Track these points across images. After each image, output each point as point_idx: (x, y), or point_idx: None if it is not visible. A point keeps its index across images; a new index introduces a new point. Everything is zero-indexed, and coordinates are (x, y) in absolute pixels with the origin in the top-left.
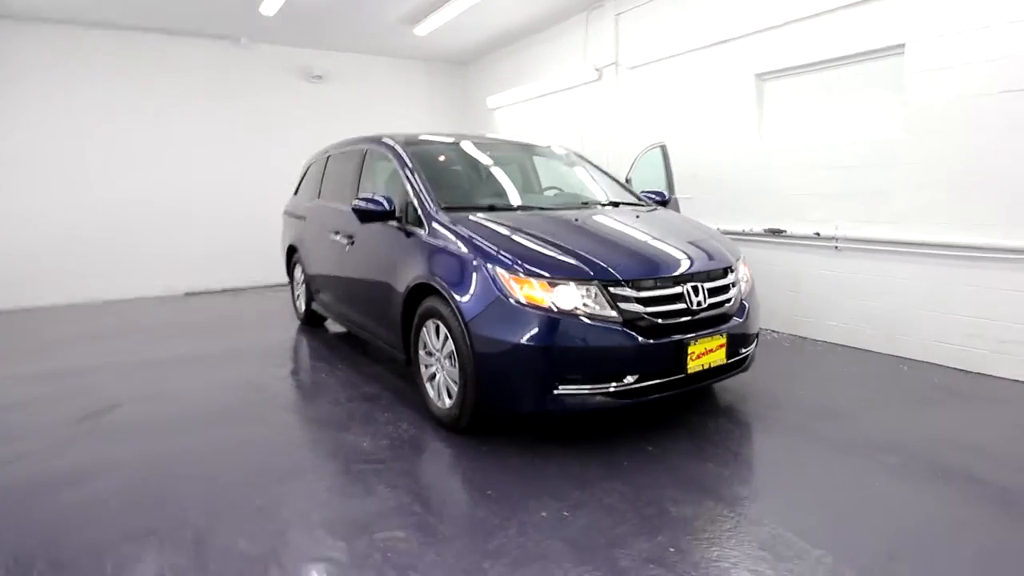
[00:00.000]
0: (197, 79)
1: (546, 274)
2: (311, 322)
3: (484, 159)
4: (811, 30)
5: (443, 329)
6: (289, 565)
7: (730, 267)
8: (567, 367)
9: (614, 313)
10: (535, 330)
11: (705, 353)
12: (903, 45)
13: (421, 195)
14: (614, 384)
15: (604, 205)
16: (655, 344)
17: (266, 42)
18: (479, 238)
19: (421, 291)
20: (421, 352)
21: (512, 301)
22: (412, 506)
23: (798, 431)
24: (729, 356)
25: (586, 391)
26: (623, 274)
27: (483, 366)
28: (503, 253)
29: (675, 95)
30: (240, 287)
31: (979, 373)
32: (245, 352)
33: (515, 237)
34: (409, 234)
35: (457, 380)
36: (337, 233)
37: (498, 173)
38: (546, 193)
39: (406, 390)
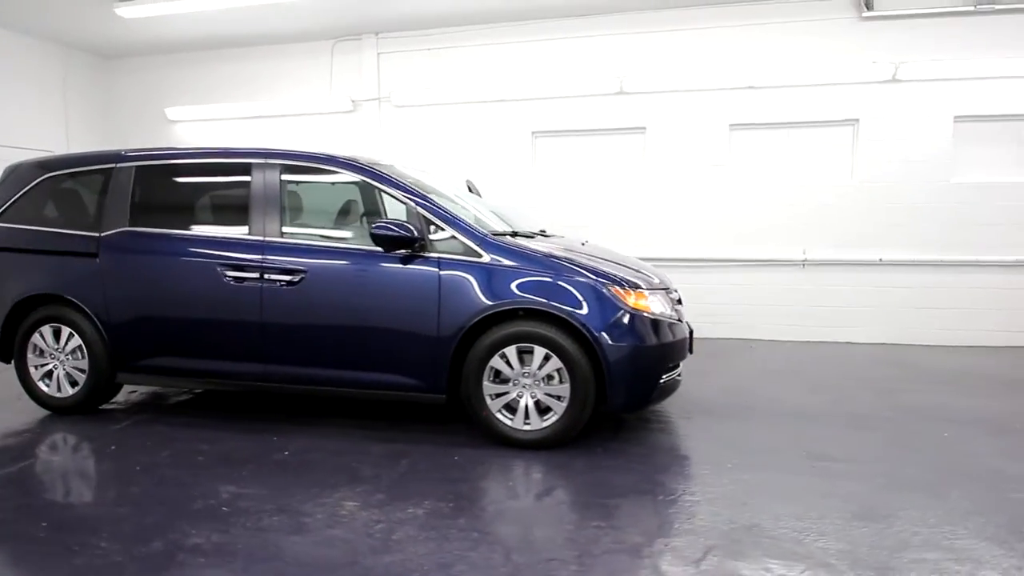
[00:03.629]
0: None
1: (643, 286)
2: (86, 407)
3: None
4: (576, 106)
5: (539, 351)
6: None
7: None
8: (668, 359)
9: (674, 313)
10: (653, 332)
11: None
12: (645, 128)
13: (456, 221)
14: (676, 368)
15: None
16: (689, 334)
17: None
18: (578, 261)
19: (490, 319)
20: (486, 383)
21: (630, 312)
22: (653, 498)
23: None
24: None
25: (673, 377)
26: (665, 284)
27: (615, 372)
28: (606, 272)
29: (452, 138)
30: None
31: (743, 339)
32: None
33: (599, 259)
34: (435, 263)
35: (566, 396)
36: (242, 270)
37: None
38: None
39: (426, 435)
